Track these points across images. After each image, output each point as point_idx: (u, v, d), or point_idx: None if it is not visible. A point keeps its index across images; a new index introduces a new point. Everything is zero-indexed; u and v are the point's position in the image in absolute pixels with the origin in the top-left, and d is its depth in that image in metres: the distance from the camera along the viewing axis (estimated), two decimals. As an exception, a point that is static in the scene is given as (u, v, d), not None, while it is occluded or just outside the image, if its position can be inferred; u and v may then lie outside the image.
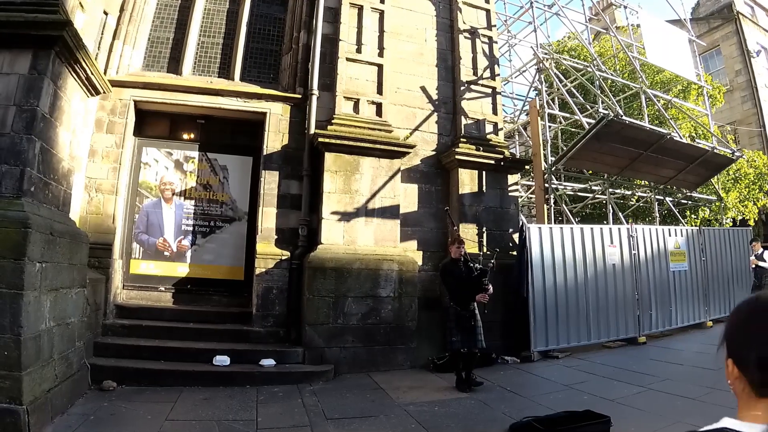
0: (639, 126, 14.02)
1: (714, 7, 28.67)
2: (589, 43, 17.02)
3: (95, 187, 9.16)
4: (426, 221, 10.73)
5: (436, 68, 11.53)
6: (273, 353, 8.59)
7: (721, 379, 4.97)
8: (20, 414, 5.19)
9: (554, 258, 10.40)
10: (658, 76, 19.62)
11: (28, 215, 5.58)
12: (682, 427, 5.72)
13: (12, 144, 5.87)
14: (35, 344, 5.59)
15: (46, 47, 6.23)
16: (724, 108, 23.22)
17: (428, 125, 11.18)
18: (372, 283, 9.24)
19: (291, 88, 10.40)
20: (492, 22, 12.30)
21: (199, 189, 10.26)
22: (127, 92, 9.56)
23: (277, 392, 7.58)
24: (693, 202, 18.09)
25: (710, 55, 27.44)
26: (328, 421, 6.38)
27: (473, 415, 6.62)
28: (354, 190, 9.69)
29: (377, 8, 10.82)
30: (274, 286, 9.40)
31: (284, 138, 10.07)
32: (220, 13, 11.01)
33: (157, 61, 10.53)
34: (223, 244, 10.24)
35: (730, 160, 16.59)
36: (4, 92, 6.01)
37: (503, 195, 11.13)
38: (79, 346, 6.93)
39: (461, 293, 7.94)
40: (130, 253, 9.82)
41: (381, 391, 7.79)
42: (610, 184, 15.95)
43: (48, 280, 5.94)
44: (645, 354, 10.11)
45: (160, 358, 8.05)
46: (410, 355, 9.29)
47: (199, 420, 6.22)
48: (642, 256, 11.75)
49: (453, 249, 8.22)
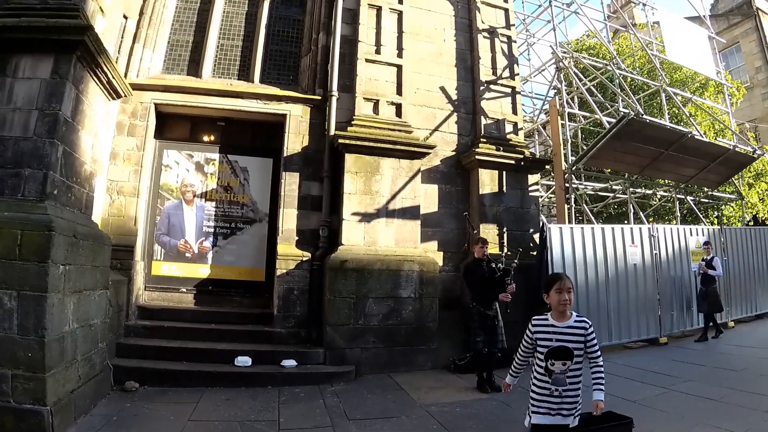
0: (660, 125, 13.90)
1: (733, 3, 28.26)
2: (608, 41, 16.90)
3: (117, 189, 9.23)
4: (446, 222, 10.71)
5: (455, 68, 11.50)
6: (294, 354, 8.61)
7: (743, 380, 4.96)
8: (44, 415, 5.28)
9: (575, 258, 10.36)
10: (677, 74, 19.41)
11: (52, 218, 5.65)
12: (705, 429, 5.69)
13: (35, 148, 5.96)
14: (59, 346, 5.66)
15: (68, 52, 6.30)
16: (745, 105, 22.94)
17: (448, 125, 11.15)
18: (393, 283, 9.23)
19: (310, 89, 10.42)
20: (511, 21, 12.24)
21: (220, 191, 10.31)
22: (147, 95, 9.63)
23: (299, 393, 7.60)
24: (714, 201, 17.94)
25: (730, 52, 27.07)
26: (350, 421, 6.39)
27: (494, 416, 6.59)
28: (374, 191, 9.69)
29: (396, 9, 10.82)
30: (295, 287, 9.42)
31: (304, 139, 10.09)
32: (239, 16, 11.05)
33: (176, 64, 10.60)
34: (243, 246, 10.28)
35: (752, 159, 16.41)
36: (27, 97, 6.11)
37: (524, 195, 11.08)
38: (101, 347, 7.00)
39: (484, 293, 7.93)
40: (151, 254, 9.89)
41: (402, 391, 7.79)
42: (631, 183, 15.84)
43: (71, 282, 6.01)
44: (667, 355, 10.01)
45: (182, 359, 8.10)
46: (431, 356, 9.26)
47: (221, 420, 6.26)
48: (663, 255, 11.66)
49: (476, 249, 8.22)
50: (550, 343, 3.70)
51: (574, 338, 3.69)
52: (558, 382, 3.66)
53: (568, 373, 3.66)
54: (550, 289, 3.77)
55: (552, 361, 3.66)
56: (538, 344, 3.77)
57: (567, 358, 3.65)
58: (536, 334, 3.79)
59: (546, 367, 3.68)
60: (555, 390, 3.68)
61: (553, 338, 3.70)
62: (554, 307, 3.78)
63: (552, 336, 3.71)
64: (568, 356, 3.65)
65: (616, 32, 21.47)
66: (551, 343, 3.69)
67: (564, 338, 3.69)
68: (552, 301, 3.78)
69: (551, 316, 3.80)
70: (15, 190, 5.83)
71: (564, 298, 3.72)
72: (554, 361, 3.65)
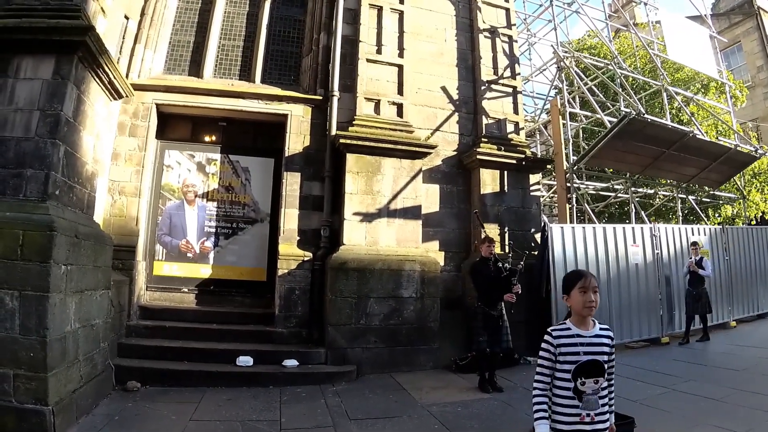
0: (661, 124, 13.90)
1: (734, 3, 28.18)
2: (609, 40, 16.88)
3: (118, 189, 9.25)
4: (447, 222, 10.73)
5: (456, 68, 11.52)
6: (296, 354, 8.62)
7: (745, 381, 4.92)
8: (46, 415, 5.28)
9: (576, 258, 10.36)
10: (678, 73, 19.39)
11: (53, 218, 5.66)
12: (707, 429, 5.69)
13: (36, 148, 5.96)
14: (61, 346, 5.67)
15: (69, 52, 6.31)
16: (746, 105, 22.85)
17: (449, 125, 11.16)
18: (394, 283, 9.23)
19: (312, 89, 10.44)
20: (512, 21, 12.25)
21: (222, 191, 10.33)
22: (149, 96, 9.64)
23: (300, 393, 7.61)
24: (715, 201, 17.92)
25: (731, 51, 27.01)
26: (352, 421, 6.40)
27: (496, 416, 6.61)
28: (376, 191, 9.70)
29: (397, 9, 10.82)
30: (297, 287, 9.43)
31: (305, 139, 10.10)
32: (240, 16, 11.06)
33: (178, 64, 10.61)
34: (245, 246, 10.29)
35: (753, 158, 16.39)
36: (28, 97, 6.11)
37: (525, 195, 11.09)
38: (103, 347, 7.01)
39: (490, 293, 7.92)
40: (153, 254, 9.91)
41: (404, 391, 7.80)
42: (633, 182, 15.84)
43: (73, 282, 6.02)
44: (668, 354, 10.01)
45: (183, 359, 8.12)
46: (432, 356, 9.26)
47: (223, 420, 6.27)
48: (665, 255, 11.67)
49: (483, 248, 8.21)
50: (578, 357, 3.01)
51: (603, 349, 3.07)
52: (590, 405, 3.00)
53: (600, 393, 3.02)
54: (572, 289, 3.11)
55: (582, 379, 2.99)
56: (560, 360, 3.05)
57: (599, 374, 3.01)
58: (560, 348, 3.05)
59: (575, 387, 3.00)
60: (586, 416, 3.01)
61: (581, 351, 3.02)
62: (577, 311, 3.11)
63: (579, 349, 3.03)
64: (599, 372, 3.02)
65: (617, 32, 21.42)
66: (578, 357, 3.01)
67: (594, 350, 3.04)
68: (574, 304, 3.11)
69: (572, 323, 3.12)
70: (17, 191, 5.83)
71: (590, 299, 3.04)
72: (584, 379, 3.00)
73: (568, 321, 3.15)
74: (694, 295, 11.00)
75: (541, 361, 3.12)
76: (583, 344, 3.03)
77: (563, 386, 3.05)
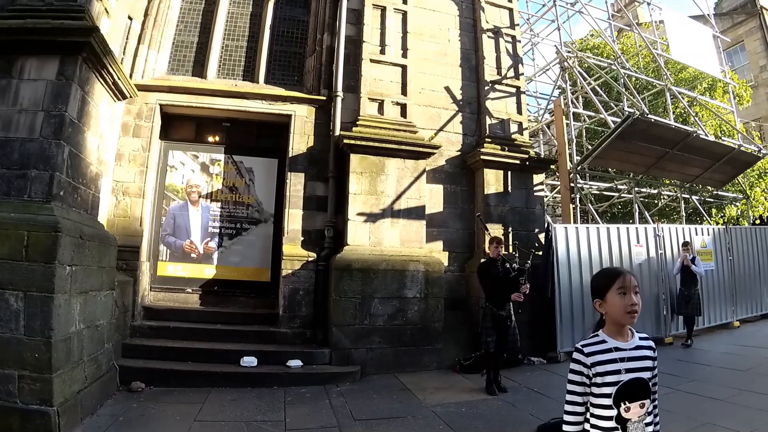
0: (665, 124, 13.87)
1: (737, 2, 28.18)
2: (612, 40, 16.86)
3: (122, 190, 9.26)
4: (451, 222, 10.72)
5: (459, 68, 11.51)
6: (300, 354, 8.63)
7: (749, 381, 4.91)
8: (51, 415, 5.28)
9: (580, 258, 10.35)
10: (682, 73, 19.34)
11: (58, 219, 5.67)
12: (710, 429, 5.68)
13: (41, 149, 5.97)
14: (65, 346, 5.68)
15: (73, 53, 6.31)
16: (749, 104, 22.88)
17: (453, 125, 11.16)
18: (398, 284, 9.23)
19: (315, 90, 10.43)
20: (515, 21, 12.25)
21: (225, 191, 10.33)
22: (152, 96, 9.64)
23: (305, 393, 7.61)
24: (719, 201, 17.90)
25: (734, 51, 26.99)
26: (356, 422, 6.40)
27: (500, 417, 6.60)
28: (379, 192, 9.69)
29: (400, 9, 10.81)
30: (301, 287, 9.44)
31: (309, 140, 10.10)
32: (243, 17, 11.06)
33: (181, 65, 10.62)
34: (249, 246, 10.30)
35: (757, 158, 16.36)
36: (33, 98, 6.11)
37: (529, 195, 11.08)
38: (107, 347, 7.01)
39: (498, 293, 7.91)
40: (157, 255, 9.91)
41: (408, 392, 7.79)
42: (636, 183, 15.82)
43: (78, 283, 6.02)
44: (671, 355, 9.97)
45: (187, 359, 8.12)
46: (436, 356, 9.26)
47: (227, 421, 6.27)
48: (668, 255, 11.64)
49: (491, 249, 8.21)
50: (619, 377, 2.37)
51: (646, 364, 2.45)
52: None
53: (646, 419, 2.41)
54: (607, 291, 2.50)
55: (626, 404, 2.36)
56: (596, 383, 2.39)
57: (644, 396, 2.39)
58: (595, 368, 2.38)
59: (618, 415, 2.36)
60: None
61: (622, 368, 2.38)
62: (616, 318, 2.47)
63: (620, 366, 2.39)
64: (645, 393, 2.40)
65: (620, 31, 21.38)
66: (620, 376, 2.37)
67: (636, 366, 2.42)
68: (612, 310, 2.48)
69: (607, 334, 2.50)
70: (21, 192, 5.83)
71: (632, 302, 2.44)
72: (629, 403, 2.36)
73: (601, 332, 2.52)
74: (686, 295, 10.95)
75: (571, 386, 2.46)
76: (623, 359, 2.41)
77: (603, 415, 2.39)
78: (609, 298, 2.48)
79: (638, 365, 2.41)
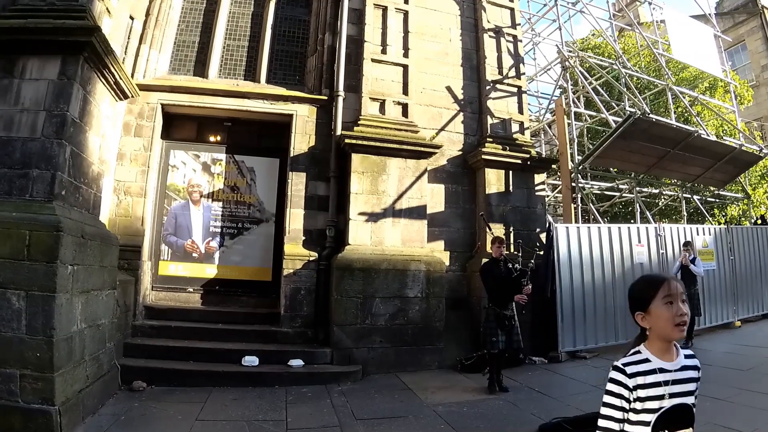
0: (666, 124, 13.84)
1: (738, 2, 28.15)
2: (614, 40, 16.85)
3: (124, 189, 9.26)
4: (453, 221, 10.72)
5: (461, 68, 11.50)
6: (301, 354, 8.63)
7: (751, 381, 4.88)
8: (52, 414, 5.28)
9: (582, 258, 10.34)
10: (683, 72, 19.34)
11: (60, 219, 5.66)
12: (712, 429, 5.67)
13: (43, 149, 5.96)
14: (67, 346, 5.67)
15: (75, 53, 6.29)
16: (751, 104, 22.86)
17: (454, 125, 11.15)
18: (399, 283, 9.23)
19: (317, 89, 10.43)
20: (516, 21, 12.25)
21: (227, 191, 10.33)
22: (154, 96, 9.65)
23: (306, 392, 7.60)
24: (720, 200, 17.89)
25: (735, 51, 26.94)
26: (358, 421, 6.39)
27: (502, 416, 6.59)
28: (381, 191, 9.69)
29: (401, 9, 10.82)
30: (302, 286, 9.44)
31: (311, 139, 10.10)
32: (244, 16, 11.06)
33: (183, 64, 10.62)
34: (250, 246, 10.30)
35: (758, 157, 16.35)
36: (34, 98, 6.10)
37: (530, 195, 11.08)
38: (109, 347, 7.01)
39: (500, 293, 7.91)
40: (158, 254, 9.92)
41: (409, 391, 7.79)
42: (638, 182, 15.81)
43: (79, 282, 6.02)
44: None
45: (189, 359, 8.12)
46: (438, 356, 9.26)
47: (229, 420, 6.27)
48: (670, 255, 11.62)
49: (494, 248, 8.21)
50: (660, 402, 2.05)
51: (690, 387, 2.14)
52: None
53: None
54: (651, 301, 2.14)
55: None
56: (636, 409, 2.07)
57: (687, 424, 2.10)
58: (637, 391, 2.06)
59: None
60: None
61: (666, 393, 2.06)
62: (663, 333, 2.13)
63: (663, 390, 2.06)
64: (688, 421, 2.11)
65: (621, 31, 21.37)
66: (662, 402, 2.05)
67: (681, 390, 2.10)
68: (657, 323, 2.13)
69: (650, 351, 2.14)
70: (23, 191, 5.83)
71: (681, 312, 2.09)
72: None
73: (644, 348, 2.17)
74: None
75: (607, 410, 2.12)
76: (667, 382, 2.08)
77: None
78: (654, 309, 2.13)
79: (682, 389, 2.10)
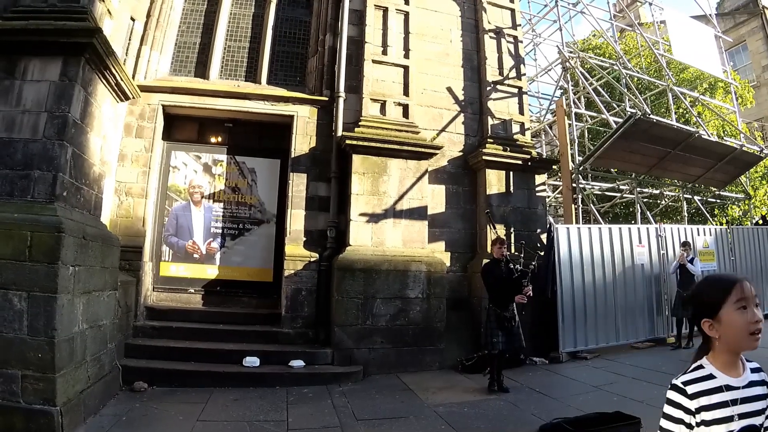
0: (667, 124, 13.86)
1: (739, 2, 28.11)
2: (614, 40, 16.84)
3: (125, 190, 9.28)
4: (453, 222, 10.72)
5: (461, 69, 11.50)
6: (302, 354, 8.63)
7: None
8: (54, 415, 5.29)
9: (582, 258, 10.35)
10: (684, 73, 19.34)
11: (61, 220, 5.66)
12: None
13: (44, 150, 5.96)
14: (69, 346, 5.68)
15: (76, 54, 6.30)
16: (752, 105, 22.85)
17: (455, 126, 11.15)
18: (400, 284, 9.23)
19: (317, 90, 10.43)
20: (517, 22, 12.25)
21: (228, 192, 10.34)
22: (155, 97, 9.67)
23: (307, 393, 7.61)
24: (721, 201, 17.89)
25: (736, 51, 26.88)
26: (359, 422, 6.40)
27: (503, 417, 6.59)
28: (382, 192, 9.70)
29: (402, 10, 10.83)
30: (303, 287, 9.44)
31: (311, 140, 10.10)
32: (245, 17, 11.07)
33: (184, 65, 10.63)
34: (251, 246, 10.30)
35: (759, 158, 16.34)
36: (36, 99, 6.10)
37: (531, 195, 11.08)
38: (110, 347, 7.02)
39: (501, 294, 7.91)
40: (159, 255, 9.93)
41: (410, 392, 7.79)
42: (638, 183, 15.81)
43: (81, 283, 6.02)
44: (674, 355, 9.99)
45: (190, 359, 8.14)
46: (438, 356, 9.26)
47: (230, 420, 6.28)
48: (671, 255, 11.60)
49: (495, 249, 8.20)
50: (728, 425, 1.79)
51: (759, 406, 1.85)
52: None
53: None
54: (721, 306, 1.86)
55: None
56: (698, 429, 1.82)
57: None
58: (701, 413, 1.80)
59: None
60: None
61: (735, 415, 1.80)
62: (734, 343, 1.86)
63: (731, 411, 1.80)
64: None
65: (622, 32, 21.36)
66: (729, 425, 1.79)
67: (749, 410, 1.83)
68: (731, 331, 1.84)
69: (715, 366, 1.88)
70: (24, 192, 5.83)
71: (756, 319, 1.83)
72: None
73: (707, 362, 1.90)
74: (684, 297, 10.88)
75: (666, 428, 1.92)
76: (735, 402, 1.82)
77: None
78: (725, 315, 1.85)
79: (751, 408, 1.83)
